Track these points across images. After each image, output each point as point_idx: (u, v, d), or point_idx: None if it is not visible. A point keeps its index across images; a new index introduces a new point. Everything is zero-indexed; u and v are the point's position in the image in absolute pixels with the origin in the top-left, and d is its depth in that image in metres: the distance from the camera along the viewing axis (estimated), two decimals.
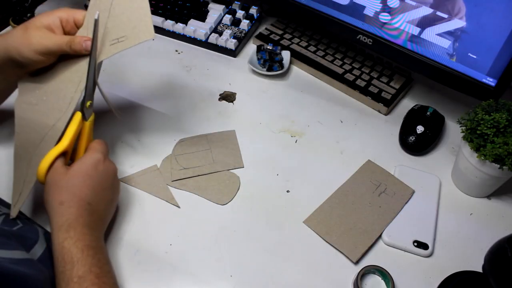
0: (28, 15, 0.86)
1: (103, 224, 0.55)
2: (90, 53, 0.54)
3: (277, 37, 0.87)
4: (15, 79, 0.58)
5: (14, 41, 0.53)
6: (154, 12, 0.89)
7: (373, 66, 0.82)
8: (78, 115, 0.55)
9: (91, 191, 0.52)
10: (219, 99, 0.77)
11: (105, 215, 0.55)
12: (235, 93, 0.78)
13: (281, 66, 0.81)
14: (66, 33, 0.56)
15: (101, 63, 0.57)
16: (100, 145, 0.56)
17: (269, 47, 0.80)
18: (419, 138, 0.70)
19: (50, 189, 0.51)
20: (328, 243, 0.59)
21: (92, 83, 0.55)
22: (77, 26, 0.57)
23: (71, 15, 0.56)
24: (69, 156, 0.55)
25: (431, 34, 0.66)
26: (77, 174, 0.52)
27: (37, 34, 0.53)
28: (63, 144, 0.53)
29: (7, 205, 0.57)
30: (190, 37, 0.87)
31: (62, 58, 0.57)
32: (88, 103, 0.56)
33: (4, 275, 0.43)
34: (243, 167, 0.67)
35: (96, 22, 0.54)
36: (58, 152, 0.52)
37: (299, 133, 0.73)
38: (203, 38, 0.86)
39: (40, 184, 0.53)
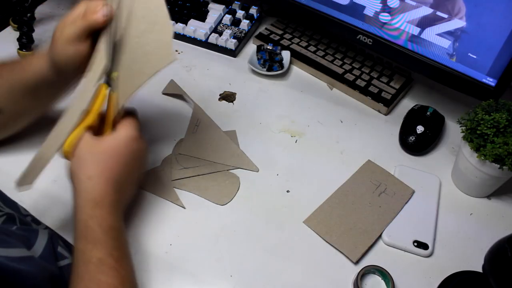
0: (28, 15, 0.85)
1: (125, 203, 0.54)
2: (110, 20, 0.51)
3: (277, 37, 0.87)
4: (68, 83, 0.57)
5: (50, 46, 0.53)
6: None
7: (373, 66, 0.82)
8: (104, 88, 0.52)
9: (120, 169, 0.51)
10: (219, 99, 0.77)
11: (128, 194, 0.55)
12: (235, 93, 0.78)
13: (281, 66, 0.81)
14: None
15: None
16: (134, 120, 0.54)
17: (269, 47, 0.80)
18: (419, 138, 0.70)
19: (79, 161, 0.50)
20: (328, 243, 0.59)
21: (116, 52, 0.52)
22: None
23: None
24: (96, 130, 0.53)
25: (431, 34, 0.66)
26: (108, 150, 0.50)
27: (60, 29, 0.52)
28: (90, 118, 0.51)
29: (9, 205, 0.56)
30: (190, 37, 0.87)
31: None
32: (115, 74, 0.52)
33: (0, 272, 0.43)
34: (243, 168, 0.67)
35: None
36: (85, 126, 0.51)
37: (299, 133, 0.73)
38: (203, 38, 0.86)
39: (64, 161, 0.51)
